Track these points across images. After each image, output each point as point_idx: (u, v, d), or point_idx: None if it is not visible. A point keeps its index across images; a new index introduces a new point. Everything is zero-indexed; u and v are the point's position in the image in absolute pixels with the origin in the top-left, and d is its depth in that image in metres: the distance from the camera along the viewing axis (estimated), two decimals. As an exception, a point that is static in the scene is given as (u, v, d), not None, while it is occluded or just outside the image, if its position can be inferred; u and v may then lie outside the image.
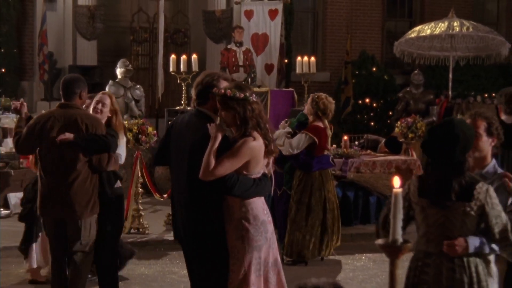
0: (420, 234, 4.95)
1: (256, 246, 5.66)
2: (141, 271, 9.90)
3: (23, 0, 18.67)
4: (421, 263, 4.91)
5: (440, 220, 4.82)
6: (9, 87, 17.91)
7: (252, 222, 5.65)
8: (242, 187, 5.64)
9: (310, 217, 9.90)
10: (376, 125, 19.55)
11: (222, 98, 5.59)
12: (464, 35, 15.52)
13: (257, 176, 5.73)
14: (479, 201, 4.76)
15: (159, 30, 15.84)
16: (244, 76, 16.06)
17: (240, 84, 5.97)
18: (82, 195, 7.14)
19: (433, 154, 4.88)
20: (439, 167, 4.84)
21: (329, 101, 10.02)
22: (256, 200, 5.74)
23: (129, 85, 14.56)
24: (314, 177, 9.93)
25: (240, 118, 5.59)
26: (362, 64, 20.31)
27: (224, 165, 5.53)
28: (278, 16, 17.12)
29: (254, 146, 5.61)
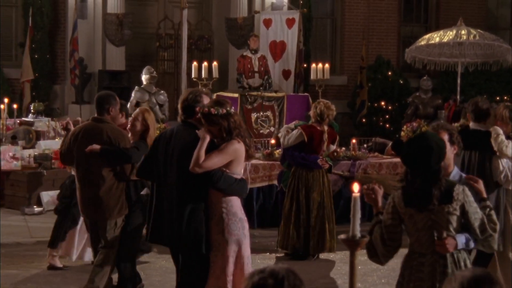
0: (413, 239, 5.39)
1: (235, 240, 6.47)
2: (162, 264, 10.46)
3: (56, 9, 19.26)
4: (416, 263, 5.37)
5: (428, 224, 5.29)
6: (42, 90, 18.60)
7: (231, 218, 6.48)
8: (226, 182, 6.45)
9: (300, 213, 10.47)
10: (391, 127, 19.97)
11: (208, 115, 6.40)
12: (472, 42, 15.97)
13: (238, 177, 6.55)
14: (459, 201, 5.28)
15: (183, 38, 16.39)
16: (260, 82, 16.67)
17: (220, 100, 6.74)
18: (109, 200, 7.88)
19: (412, 165, 5.36)
20: (418, 176, 5.31)
21: (327, 107, 10.55)
22: (235, 199, 6.57)
23: (153, 91, 15.10)
24: (302, 175, 10.49)
25: (225, 130, 6.43)
26: (378, 68, 20.79)
27: (212, 160, 6.36)
28: (295, 25, 17.73)
29: (238, 148, 6.45)
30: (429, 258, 5.29)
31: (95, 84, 18.82)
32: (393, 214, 5.31)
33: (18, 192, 13.49)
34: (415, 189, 5.27)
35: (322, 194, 10.62)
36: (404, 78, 20.71)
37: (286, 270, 3.30)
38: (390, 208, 5.35)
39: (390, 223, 5.34)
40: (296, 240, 10.54)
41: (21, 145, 13.81)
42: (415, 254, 5.38)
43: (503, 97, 20.58)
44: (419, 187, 5.26)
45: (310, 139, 10.50)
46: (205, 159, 6.32)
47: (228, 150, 6.45)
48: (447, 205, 5.26)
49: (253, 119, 15.77)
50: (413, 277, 5.33)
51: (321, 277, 9.93)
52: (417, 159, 5.30)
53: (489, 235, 5.36)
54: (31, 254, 10.75)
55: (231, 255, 6.49)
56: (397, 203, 5.37)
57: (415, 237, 5.32)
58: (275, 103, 15.87)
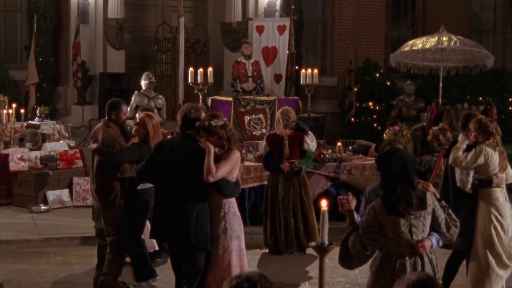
0: (392, 243, 5.77)
1: (236, 236, 7.25)
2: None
3: (59, 14, 19.71)
4: (397, 264, 5.83)
5: (408, 228, 5.80)
6: (46, 92, 19.08)
7: (232, 217, 7.27)
8: (229, 188, 7.20)
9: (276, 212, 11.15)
10: (379, 126, 20.36)
11: (208, 128, 7.09)
12: (453, 48, 16.49)
13: (233, 181, 7.28)
14: (430, 206, 5.88)
15: (180, 44, 16.89)
16: (254, 86, 17.19)
17: (215, 113, 7.50)
18: (102, 192, 8.81)
19: (394, 176, 5.82)
20: (397, 186, 5.78)
21: (283, 113, 11.20)
22: (233, 200, 7.36)
23: (152, 95, 15.47)
24: (277, 179, 11.15)
25: (225, 138, 7.18)
26: (366, 70, 21.19)
27: (222, 169, 7.10)
28: (286, 31, 18.20)
29: (238, 156, 7.28)
30: (409, 259, 5.82)
31: (97, 86, 19.29)
32: (373, 222, 5.77)
33: (25, 191, 13.77)
34: (398, 198, 5.76)
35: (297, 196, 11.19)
36: (391, 80, 21.10)
37: (259, 274, 3.93)
38: (371, 216, 5.79)
39: (370, 230, 5.75)
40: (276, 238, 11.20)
41: (28, 147, 14.14)
42: (393, 256, 5.82)
43: (486, 97, 21.11)
44: (400, 195, 5.76)
45: (272, 145, 11.17)
46: (216, 169, 7.03)
47: (232, 159, 7.20)
48: (423, 211, 5.83)
49: (246, 121, 16.27)
50: (395, 277, 5.66)
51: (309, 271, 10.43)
52: (398, 171, 5.80)
53: (453, 231, 5.98)
54: (39, 251, 11.23)
55: (235, 249, 7.23)
56: (378, 212, 5.77)
57: (394, 241, 5.78)
58: (267, 106, 16.39)
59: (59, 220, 12.94)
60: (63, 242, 11.78)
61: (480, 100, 20.82)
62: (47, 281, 9.78)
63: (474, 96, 20.91)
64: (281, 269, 10.55)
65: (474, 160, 8.41)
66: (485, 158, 8.36)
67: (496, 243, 8.39)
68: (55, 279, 9.83)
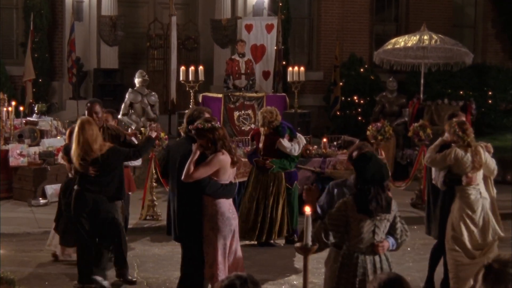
0: (355, 240, 6.20)
1: (223, 235, 7.70)
2: (155, 251, 11.44)
3: (54, 11, 20.01)
4: (359, 260, 6.26)
5: (372, 228, 6.26)
6: (42, 87, 19.39)
7: (220, 217, 7.70)
8: (212, 188, 7.67)
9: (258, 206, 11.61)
10: (363, 120, 20.72)
11: (197, 130, 7.56)
12: (433, 47, 16.95)
13: (225, 183, 7.70)
14: (394, 212, 6.35)
15: (172, 42, 17.31)
16: (246, 83, 17.65)
17: (207, 118, 7.92)
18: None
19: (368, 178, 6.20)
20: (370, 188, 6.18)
21: (262, 113, 11.76)
22: (223, 201, 7.76)
23: (145, 93, 15.90)
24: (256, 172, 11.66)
25: (211, 141, 7.58)
26: (351, 65, 21.56)
27: (199, 171, 7.57)
28: (274, 30, 18.66)
29: (222, 158, 7.65)
30: (369, 257, 6.28)
31: (91, 81, 19.65)
32: (341, 216, 6.16)
33: (25, 185, 14.14)
34: (370, 198, 6.16)
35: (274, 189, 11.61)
36: (376, 74, 21.49)
37: (247, 274, 4.38)
38: (341, 211, 6.18)
39: (336, 222, 6.15)
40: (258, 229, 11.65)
41: (27, 143, 14.47)
42: (354, 253, 6.25)
43: (467, 91, 21.57)
44: (373, 196, 6.17)
45: (253, 140, 11.85)
46: (193, 171, 7.51)
47: (214, 161, 7.61)
48: (387, 214, 6.29)
49: (235, 117, 16.74)
50: (357, 272, 6.23)
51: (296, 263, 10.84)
52: (374, 174, 6.21)
53: (404, 240, 6.49)
54: (39, 243, 11.57)
55: (220, 247, 7.69)
56: (349, 208, 6.15)
57: (357, 239, 6.22)
58: (256, 102, 16.85)
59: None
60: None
61: (461, 94, 21.24)
62: (48, 273, 10.13)
63: (455, 90, 21.31)
64: (269, 261, 11.00)
65: (443, 160, 9.01)
66: (454, 159, 8.90)
67: (465, 236, 8.95)
68: (57, 271, 10.19)
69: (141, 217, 12.93)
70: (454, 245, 9.02)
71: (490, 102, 21.91)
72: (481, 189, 9.06)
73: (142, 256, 11.21)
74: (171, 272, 10.32)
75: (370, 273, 6.24)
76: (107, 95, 19.08)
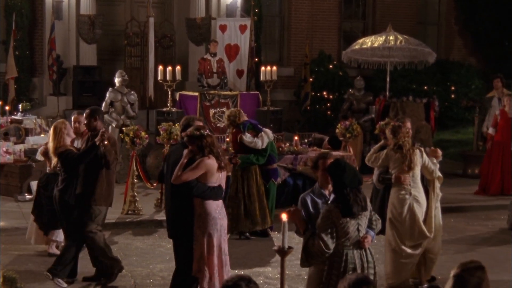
0: (342, 239, 6.66)
1: (208, 233, 8.26)
2: (137, 245, 11.88)
3: (34, 10, 20.38)
4: (348, 256, 6.74)
5: (356, 226, 6.79)
6: (23, 83, 19.78)
7: (206, 217, 8.25)
8: (199, 190, 8.24)
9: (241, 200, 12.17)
10: (332, 114, 21.35)
11: (188, 137, 8.15)
12: (398, 47, 17.57)
13: (213, 185, 8.26)
14: (369, 207, 6.92)
15: (150, 42, 17.76)
16: (217, 81, 18.15)
17: (198, 126, 8.42)
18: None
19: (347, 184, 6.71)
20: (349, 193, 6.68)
21: (226, 114, 12.46)
22: (211, 202, 8.31)
23: (125, 92, 16.29)
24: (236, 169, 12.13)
25: (198, 147, 8.14)
26: (320, 62, 22.16)
27: (187, 173, 8.14)
28: (247, 30, 19.20)
29: (208, 162, 8.19)
30: (356, 253, 6.81)
31: (70, 78, 20.05)
32: (329, 224, 6.65)
33: (11, 182, 14.48)
34: (352, 202, 6.68)
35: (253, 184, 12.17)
36: (344, 71, 22.04)
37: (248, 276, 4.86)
38: (328, 219, 6.66)
39: (330, 231, 6.63)
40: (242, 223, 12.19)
41: (13, 141, 14.82)
42: (343, 251, 6.71)
43: (431, 87, 22.23)
44: (354, 201, 6.70)
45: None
46: (181, 174, 8.08)
47: (200, 165, 8.16)
48: (366, 212, 6.88)
49: (211, 114, 17.26)
50: (347, 268, 6.68)
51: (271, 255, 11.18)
52: (352, 180, 6.72)
53: (378, 228, 7.11)
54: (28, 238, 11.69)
55: (206, 245, 8.24)
56: (334, 215, 6.63)
57: (344, 238, 6.71)
58: (230, 100, 17.37)
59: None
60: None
61: (425, 89, 21.90)
62: (38, 267, 10.48)
63: (419, 85, 21.95)
64: (244, 253, 11.53)
65: (376, 160, 9.95)
66: (385, 159, 9.73)
67: (393, 232, 9.68)
68: (47, 265, 10.26)
69: (123, 211, 13.39)
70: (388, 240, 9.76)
71: (453, 96, 22.59)
72: (413, 191, 9.62)
73: (125, 249, 11.62)
74: (154, 265, 10.79)
75: (358, 267, 6.81)
76: (86, 91, 19.59)
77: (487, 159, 15.88)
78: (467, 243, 12.59)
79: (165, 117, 16.11)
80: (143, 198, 14.16)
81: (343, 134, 14.57)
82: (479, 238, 12.87)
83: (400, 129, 9.71)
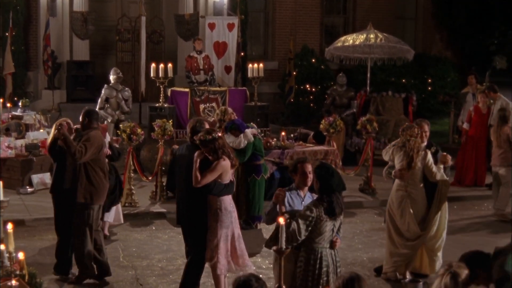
0: (319, 238, 7.23)
1: (225, 226, 8.85)
2: (135, 236, 12.31)
3: (29, 7, 20.79)
4: (322, 254, 7.33)
5: (332, 227, 7.38)
6: (18, 77, 20.12)
7: (223, 211, 8.83)
8: (217, 189, 8.79)
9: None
10: (315, 106, 21.93)
11: (201, 141, 8.69)
12: (379, 45, 18.14)
13: (226, 182, 8.84)
14: (343, 212, 7.49)
15: (141, 40, 18.17)
16: (204, 78, 18.57)
17: (209, 129, 8.98)
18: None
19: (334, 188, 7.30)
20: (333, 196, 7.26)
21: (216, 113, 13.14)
22: (225, 197, 8.91)
23: (120, 88, 16.68)
24: None
25: (212, 150, 8.69)
26: (303, 56, 22.69)
27: (206, 177, 8.69)
28: (234, 29, 19.62)
29: (224, 164, 8.76)
30: (329, 252, 7.42)
31: (64, 73, 20.50)
32: (311, 216, 7.19)
33: (13, 175, 14.78)
34: (335, 204, 7.26)
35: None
36: (326, 65, 22.53)
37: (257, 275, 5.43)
38: (315, 215, 7.19)
39: (308, 224, 7.17)
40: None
41: (14, 136, 15.15)
42: (317, 249, 7.28)
43: (409, 80, 22.82)
44: (336, 203, 7.28)
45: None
46: (201, 177, 8.61)
47: (217, 168, 8.70)
48: (341, 216, 7.46)
49: (201, 109, 17.66)
50: (322, 265, 7.32)
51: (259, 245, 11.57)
52: (338, 184, 7.33)
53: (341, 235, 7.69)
54: (32, 230, 12.40)
55: (223, 236, 8.81)
56: (319, 214, 7.17)
57: (320, 237, 7.29)
58: (219, 96, 17.81)
59: (45, 201, 13.52)
60: (52, 221, 11.91)
61: (404, 82, 22.49)
62: (45, 258, 10.86)
63: (398, 78, 22.55)
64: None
65: (385, 154, 10.40)
66: (390, 154, 10.22)
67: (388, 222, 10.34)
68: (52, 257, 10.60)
69: (121, 204, 13.82)
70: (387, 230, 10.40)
71: (430, 89, 23.20)
72: (410, 188, 10.11)
73: (124, 240, 12.07)
74: (153, 256, 11.31)
75: (330, 264, 7.41)
76: (79, 85, 20.10)
77: (462, 152, 16.41)
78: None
79: (158, 112, 16.59)
80: (138, 191, 14.48)
81: (327, 130, 15.04)
82: (455, 228, 13.32)
83: (410, 129, 10.14)
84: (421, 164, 10.01)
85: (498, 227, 13.44)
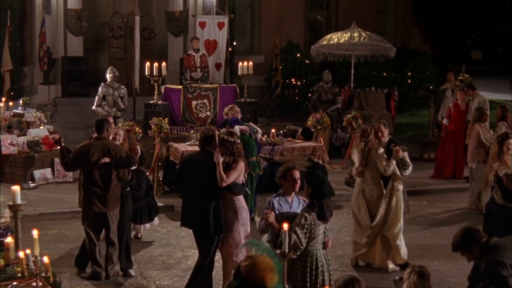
0: (312, 241, 7.63)
1: (244, 223, 9.28)
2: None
3: (24, 5, 21.17)
4: (317, 256, 7.79)
5: (323, 230, 7.85)
6: (14, 73, 20.50)
7: (242, 209, 9.27)
8: (237, 188, 9.22)
9: None
10: (300, 99, 22.41)
11: (222, 140, 9.14)
12: (362, 43, 18.60)
13: (242, 182, 9.30)
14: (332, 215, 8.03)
15: (135, 38, 18.53)
16: (201, 75, 19.00)
17: (231, 131, 9.55)
18: (112, 196, 10.07)
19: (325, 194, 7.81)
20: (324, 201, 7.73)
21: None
22: (241, 197, 9.34)
23: (116, 86, 16.98)
24: None
25: (230, 152, 9.09)
26: (289, 51, 23.12)
27: (231, 177, 9.09)
28: (224, 27, 20.07)
29: (243, 165, 9.22)
30: (322, 252, 7.88)
31: (59, 68, 20.83)
32: (307, 224, 7.65)
33: (16, 171, 15.07)
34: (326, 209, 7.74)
35: None
36: (310, 59, 22.95)
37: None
38: (309, 222, 7.65)
39: (305, 231, 7.63)
40: None
41: (16, 134, 15.41)
42: (312, 252, 7.72)
43: (390, 73, 23.30)
44: (327, 208, 7.76)
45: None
46: (227, 177, 9.01)
47: (239, 168, 9.13)
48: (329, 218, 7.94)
49: (193, 106, 18.09)
50: (317, 266, 7.79)
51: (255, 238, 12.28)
52: (328, 191, 7.91)
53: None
54: (36, 225, 11.88)
55: (242, 233, 9.20)
56: (313, 219, 7.61)
57: (315, 240, 7.76)
58: (210, 93, 18.22)
59: (47, 196, 14.28)
60: (55, 216, 13.14)
61: (385, 75, 22.97)
62: (51, 253, 10.89)
63: (379, 72, 23.03)
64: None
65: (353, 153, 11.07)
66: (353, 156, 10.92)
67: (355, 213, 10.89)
68: (59, 251, 11.18)
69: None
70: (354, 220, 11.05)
71: (410, 82, 23.69)
72: (364, 185, 10.71)
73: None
74: (153, 250, 11.63)
75: (324, 263, 7.90)
76: (74, 80, 20.45)
77: (441, 146, 16.85)
78: (424, 224, 13.53)
79: (152, 109, 17.01)
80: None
81: (314, 126, 15.45)
82: (436, 220, 13.79)
83: (363, 131, 10.76)
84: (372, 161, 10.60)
85: (477, 218, 13.85)
